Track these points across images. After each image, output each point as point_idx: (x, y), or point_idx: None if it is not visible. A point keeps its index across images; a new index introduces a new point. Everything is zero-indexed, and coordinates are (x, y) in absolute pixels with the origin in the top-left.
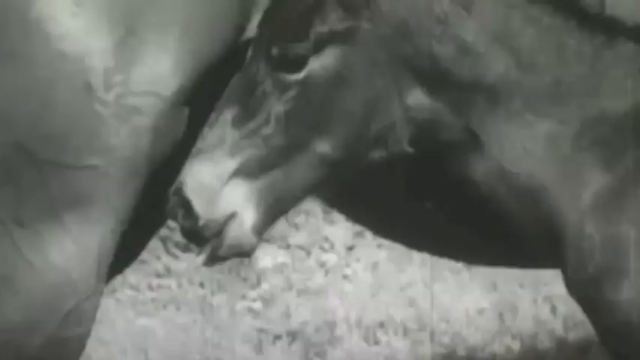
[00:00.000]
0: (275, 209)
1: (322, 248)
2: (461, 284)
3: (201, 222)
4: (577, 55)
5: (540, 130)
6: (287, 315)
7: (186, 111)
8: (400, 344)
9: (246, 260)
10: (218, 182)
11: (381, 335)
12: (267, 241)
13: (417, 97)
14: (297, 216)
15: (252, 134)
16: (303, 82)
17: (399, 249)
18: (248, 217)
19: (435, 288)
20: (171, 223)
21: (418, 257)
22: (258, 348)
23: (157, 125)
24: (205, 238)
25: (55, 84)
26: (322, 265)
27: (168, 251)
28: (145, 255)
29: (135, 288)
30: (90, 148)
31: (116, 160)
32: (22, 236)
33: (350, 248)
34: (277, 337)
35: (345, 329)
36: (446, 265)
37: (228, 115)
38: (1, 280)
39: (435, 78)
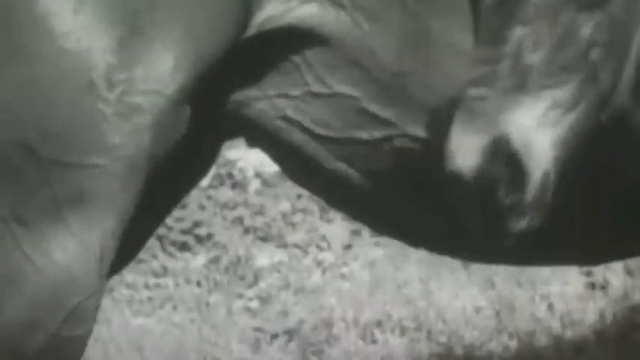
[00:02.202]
0: (570, 164)
1: (319, 247)
2: (458, 283)
3: (530, 187)
4: None
5: None
6: (284, 314)
7: (188, 109)
8: (397, 343)
9: (242, 259)
10: (531, 134)
11: (378, 334)
12: (264, 239)
13: None
14: (294, 215)
15: (551, 66)
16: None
17: (396, 247)
18: (553, 175)
19: (431, 286)
20: (168, 221)
21: (415, 256)
22: (255, 347)
23: (159, 123)
24: (526, 210)
25: (58, 81)
26: (319, 263)
27: (164, 250)
28: (141, 254)
29: (131, 287)
30: (92, 146)
31: (118, 158)
32: (24, 235)
33: (347, 247)
34: (274, 336)
35: (342, 328)
36: (443, 263)
37: (517, 45)
38: (3, 279)
39: None
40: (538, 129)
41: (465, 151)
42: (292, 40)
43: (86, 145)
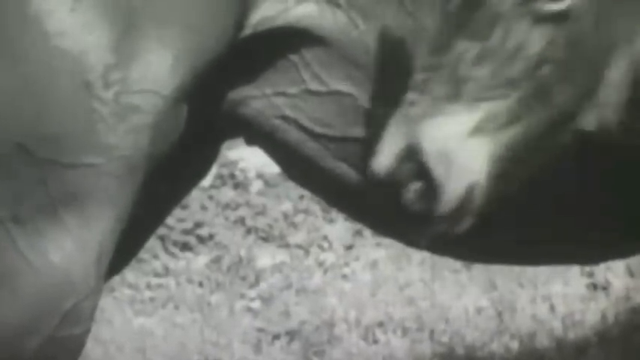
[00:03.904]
0: (508, 177)
1: (321, 247)
2: (460, 283)
3: (441, 198)
4: None
5: None
6: (286, 314)
7: (185, 108)
8: (399, 343)
9: (244, 259)
10: (456, 144)
11: (379, 334)
12: (266, 240)
13: None
14: (296, 215)
15: (495, 79)
16: (563, 15)
17: (397, 248)
18: (483, 186)
19: (433, 287)
20: (169, 221)
21: (417, 256)
22: (257, 347)
23: (156, 123)
24: (438, 218)
25: (54, 81)
26: (321, 264)
27: (166, 250)
28: (143, 254)
29: (133, 287)
30: (89, 146)
31: (115, 158)
32: (20, 235)
33: (349, 247)
34: (276, 337)
35: (344, 329)
36: (445, 264)
37: (460, 56)
38: None
39: None
40: (468, 139)
41: (384, 152)
42: (289, 39)
43: (82, 145)
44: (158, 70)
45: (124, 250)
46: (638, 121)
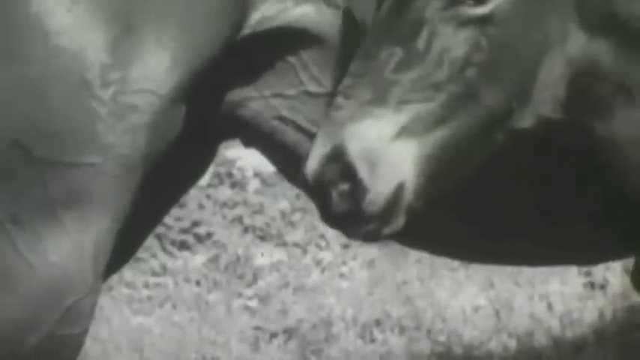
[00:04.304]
0: (440, 176)
1: (318, 246)
2: (457, 282)
3: (367, 197)
4: None
5: None
6: (283, 313)
7: (183, 108)
8: (396, 342)
9: (242, 258)
10: (382, 145)
11: (377, 333)
12: (263, 238)
13: (579, 45)
14: (294, 214)
15: (420, 82)
16: (486, 18)
17: (395, 247)
18: (411, 186)
19: (431, 285)
20: (167, 220)
21: (414, 255)
22: (255, 346)
23: (154, 123)
24: (366, 218)
25: (53, 80)
26: (318, 262)
27: (164, 249)
28: (141, 253)
29: (131, 286)
30: (87, 145)
31: (113, 157)
32: (19, 234)
33: (346, 246)
34: (273, 335)
35: (341, 327)
36: (442, 262)
37: (386, 60)
38: None
39: (602, 19)
40: (394, 141)
41: (312, 156)
42: (287, 40)
43: (81, 145)
44: (155, 70)
45: (123, 250)
46: (582, 115)
